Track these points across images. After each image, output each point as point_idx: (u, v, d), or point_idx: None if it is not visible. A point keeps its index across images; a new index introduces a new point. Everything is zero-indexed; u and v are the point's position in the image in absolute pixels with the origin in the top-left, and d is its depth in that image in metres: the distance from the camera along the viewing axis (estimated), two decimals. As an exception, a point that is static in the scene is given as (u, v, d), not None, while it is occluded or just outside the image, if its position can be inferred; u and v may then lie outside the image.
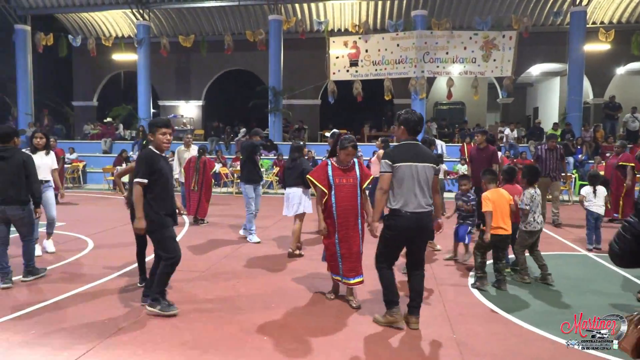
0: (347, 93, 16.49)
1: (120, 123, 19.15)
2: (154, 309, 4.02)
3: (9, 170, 4.68)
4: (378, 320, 3.93)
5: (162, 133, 3.99)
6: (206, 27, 19.79)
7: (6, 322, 3.91)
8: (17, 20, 18.32)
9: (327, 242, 4.37)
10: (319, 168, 4.38)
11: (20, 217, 4.78)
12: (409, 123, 3.78)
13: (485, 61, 15.28)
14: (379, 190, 3.71)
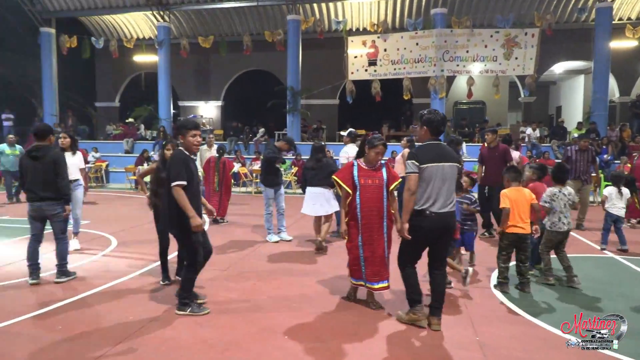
0: (365, 93, 16.42)
1: (142, 123, 19.44)
2: (184, 313, 4.04)
3: (42, 169, 4.80)
4: (401, 317, 3.93)
5: (192, 135, 4.01)
6: (225, 28, 19.94)
7: (33, 318, 4.00)
8: (42, 24, 18.75)
9: (349, 245, 4.24)
10: (345, 168, 4.32)
11: (56, 214, 4.90)
12: (432, 123, 3.77)
13: (506, 59, 15.04)
14: (407, 192, 3.68)
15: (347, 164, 4.35)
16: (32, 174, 4.80)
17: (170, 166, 3.95)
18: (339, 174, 4.31)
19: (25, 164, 4.86)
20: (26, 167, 4.84)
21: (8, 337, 3.62)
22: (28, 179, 4.84)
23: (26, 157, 4.88)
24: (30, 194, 4.84)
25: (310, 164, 6.51)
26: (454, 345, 3.54)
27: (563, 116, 19.66)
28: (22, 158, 4.99)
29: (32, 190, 4.82)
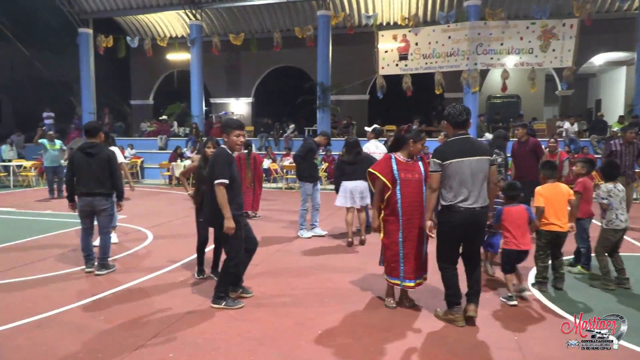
0: (396, 87, 16.25)
1: (175, 120, 19.83)
2: (219, 306, 4.13)
3: (95, 165, 4.99)
4: (438, 315, 3.92)
5: (235, 135, 4.09)
6: (255, 25, 20.09)
7: (78, 308, 4.16)
8: (80, 24, 19.36)
9: (387, 241, 4.08)
10: (382, 161, 4.15)
11: (104, 208, 5.11)
12: (451, 117, 3.76)
13: (543, 51, 14.57)
14: (428, 189, 3.76)
15: (384, 157, 4.21)
16: (86, 169, 4.97)
17: (213, 164, 4.02)
18: (376, 167, 4.15)
19: (79, 159, 5.00)
20: (79, 163, 5.00)
21: (57, 325, 3.78)
22: (80, 175, 5.00)
23: (79, 153, 5.02)
24: (83, 189, 5.00)
25: (350, 158, 6.52)
26: (492, 345, 3.48)
27: (603, 110, 18.92)
28: (74, 153, 5.12)
29: (84, 185, 4.98)
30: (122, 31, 20.79)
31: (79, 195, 5.04)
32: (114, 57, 19.47)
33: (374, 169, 4.13)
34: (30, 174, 14.49)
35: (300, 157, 7.01)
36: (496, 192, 3.88)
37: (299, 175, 7.13)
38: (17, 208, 9.86)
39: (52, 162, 11.30)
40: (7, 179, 14.43)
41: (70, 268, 5.36)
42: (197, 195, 4.92)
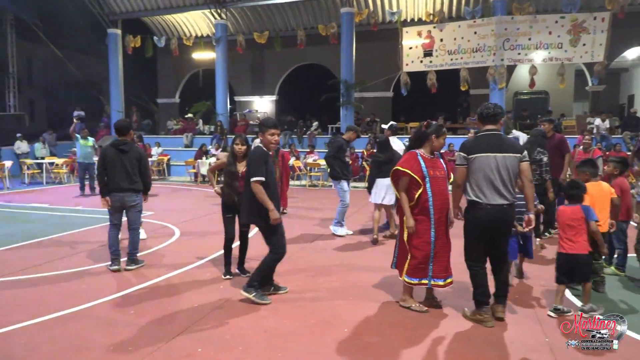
0: (420, 84, 16.07)
1: (200, 118, 20.11)
2: (249, 295, 4.18)
3: (127, 162, 5.12)
4: (466, 315, 3.87)
5: (270, 134, 4.18)
6: (280, 23, 20.17)
7: (107, 302, 4.27)
8: (109, 25, 19.80)
9: (419, 241, 3.93)
10: (410, 158, 3.99)
11: (135, 204, 5.24)
12: (482, 113, 3.80)
13: (573, 46, 14.16)
14: (453, 184, 3.75)
15: (409, 155, 4.05)
16: (118, 166, 5.08)
17: (250, 162, 4.16)
18: (404, 164, 3.97)
19: (111, 156, 5.11)
20: (112, 159, 5.10)
21: (89, 318, 3.89)
22: (112, 171, 5.10)
23: (112, 149, 5.13)
24: (114, 185, 5.11)
25: (386, 156, 6.49)
26: (522, 347, 3.41)
27: (636, 106, 18.28)
28: (106, 150, 5.21)
29: (116, 181, 5.10)
30: (150, 31, 21.17)
31: (110, 191, 5.15)
32: (142, 57, 19.85)
33: (403, 166, 3.97)
34: (61, 170, 14.93)
35: (332, 157, 6.94)
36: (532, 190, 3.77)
37: (333, 175, 7.01)
38: (50, 204, 10.17)
39: (85, 159, 11.55)
40: (40, 175, 14.90)
41: (100, 263, 5.50)
42: (225, 191, 4.91)
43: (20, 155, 16.11)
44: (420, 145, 4.07)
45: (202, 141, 17.00)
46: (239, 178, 4.74)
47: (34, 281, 4.87)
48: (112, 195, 5.15)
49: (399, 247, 4.17)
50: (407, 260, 4.00)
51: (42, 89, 25.37)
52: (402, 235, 4.07)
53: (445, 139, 4.10)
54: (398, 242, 4.20)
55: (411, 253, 3.99)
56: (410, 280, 4.00)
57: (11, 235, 6.96)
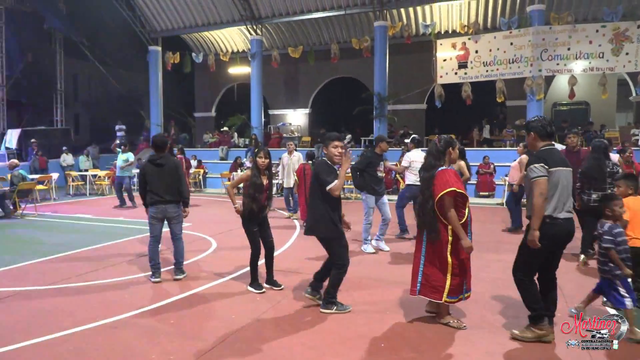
0: (454, 96, 15.91)
1: (235, 132, 20.55)
2: (331, 311, 4.31)
3: (166, 174, 5.32)
4: (517, 336, 3.70)
5: (334, 146, 4.31)
6: (313, 37, 20.47)
7: (148, 311, 4.40)
8: (150, 42, 20.63)
9: (459, 260, 3.89)
10: (453, 176, 3.88)
11: (177, 215, 5.44)
12: (537, 127, 3.70)
13: (615, 55, 13.73)
14: (540, 197, 3.49)
15: (448, 172, 3.90)
16: (157, 179, 5.28)
17: (319, 174, 4.25)
18: (455, 184, 3.81)
19: (150, 170, 5.31)
20: (151, 174, 5.30)
21: (131, 327, 4.03)
22: (152, 184, 5.29)
23: (150, 165, 5.33)
24: (155, 197, 5.29)
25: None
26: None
27: (685, 116, 17.48)
28: (145, 165, 5.43)
29: (156, 194, 5.28)
30: (188, 47, 21.90)
31: (152, 204, 5.34)
32: (180, 72, 20.54)
33: (457, 186, 3.79)
34: (104, 182, 15.53)
35: (356, 170, 6.85)
36: None
37: (358, 185, 6.97)
38: (93, 215, 10.59)
39: (122, 172, 11.87)
40: (83, 187, 15.55)
41: (140, 273, 5.69)
42: (251, 203, 4.89)
43: (66, 167, 16.87)
44: (442, 161, 3.99)
45: (237, 154, 17.35)
46: (263, 190, 4.90)
47: (80, 289, 5.08)
48: (154, 207, 5.31)
49: (425, 269, 3.99)
50: (448, 280, 3.89)
51: (86, 104, 26.58)
52: (431, 256, 3.94)
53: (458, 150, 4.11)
54: (422, 265, 4.01)
55: (454, 273, 3.88)
56: (452, 300, 3.96)
57: (59, 244, 7.29)
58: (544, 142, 3.69)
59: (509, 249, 6.02)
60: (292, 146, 10.31)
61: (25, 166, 14.80)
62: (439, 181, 3.84)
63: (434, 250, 3.93)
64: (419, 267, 4.05)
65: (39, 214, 10.60)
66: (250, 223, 4.97)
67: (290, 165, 10.11)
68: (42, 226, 9.22)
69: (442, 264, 3.90)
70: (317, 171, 4.28)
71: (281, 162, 10.26)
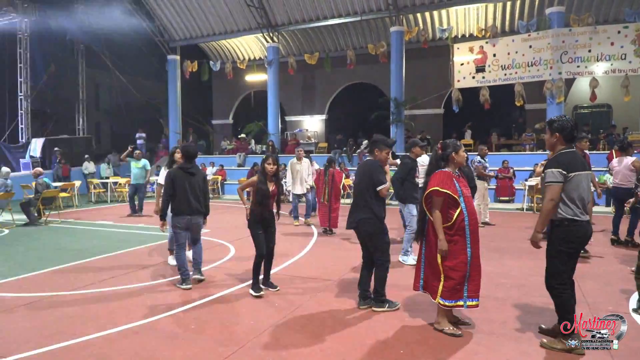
0: (472, 100, 15.78)
1: (252, 138, 20.73)
2: (384, 309, 4.49)
3: (196, 184, 5.38)
4: (552, 347, 3.61)
5: (387, 152, 4.61)
6: (330, 44, 20.57)
7: (169, 316, 4.45)
8: (169, 52, 21.01)
9: (453, 263, 3.84)
10: (445, 178, 3.91)
11: (200, 225, 5.52)
12: (565, 130, 3.63)
13: (638, 56, 13.46)
14: (550, 202, 3.51)
15: (443, 174, 3.95)
16: (187, 188, 5.30)
17: (374, 173, 4.47)
18: (442, 184, 3.87)
19: (181, 178, 5.30)
20: (182, 182, 5.29)
21: (153, 332, 4.08)
22: (182, 194, 5.27)
23: (181, 172, 5.33)
24: (182, 207, 5.30)
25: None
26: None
27: None
28: (175, 173, 5.34)
29: (186, 204, 5.29)
30: (206, 56, 22.22)
31: (179, 214, 5.31)
32: (198, 80, 20.84)
33: (442, 186, 3.85)
34: (124, 190, 15.78)
35: (400, 180, 6.56)
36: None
37: (400, 197, 6.65)
38: (114, 221, 10.77)
39: (135, 180, 11.66)
40: (105, 194, 15.85)
41: (160, 279, 5.76)
42: (257, 209, 5.02)
43: (88, 175, 17.24)
44: (445, 166, 4.03)
45: (254, 160, 17.48)
46: (270, 196, 5.00)
47: (103, 295, 5.16)
48: (181, 217, 5.32)
49: (425, 268, 4.08)
50: (441, 282, 3.90)
51: (107, 113, 27.14)
52: (429, 256, 4.01)
53: (464, 151, 4.06)
54: (423, 263, 4.10)
55: (446, 275, 3.88)
56: (446, 303, 3.90)
57: (82, 251, 7.44)
58: (566, 146, 3.64)
59: (531, 255, 5.93)
60: (301, 152, 10.25)
61: (49, 174, 15.18)
62: (430, 182, 3.99)
63: (430, 251, 4.01)
64: (421, 265, 4.15)
65: (62, 221, 10.83)
66: (256, 226, 5.07)
67: (299, 172, 9.90)
68: (66, 233, 9.41)
69: (434, 266, 3.96)
70: (372, 171, 4.47)
71: (289, 168, 10.04)
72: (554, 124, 3.67)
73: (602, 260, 6.47)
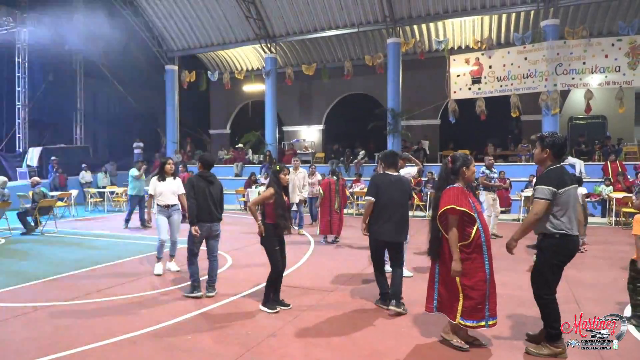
0: (468, 111, 15.91)
1: (250, 148, 20.77)
2: (400, 310, 4.75)
3: (214, 192, 5.40)
4: (539, 353, 3.72)
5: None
6: (327, 55, 20.73)
7: (166, 327, 4.45)
8: (167, 62, 21.12)
9: (474, 281, 3.73)
10: (459, 194, 3.78)
11: (218, 233, 5.51)
12: (556, 146, 3.71)
13: (632, 69, 13.63)
14: (534, 216, 3.64)
15: (456, 190, 3.82)
16: (208, 196, 5.31)
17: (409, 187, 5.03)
18: (458, 202, 3.73)
19: (202, 186, 5.30)
20: (202, 190, 5.29)
21: (150, 342, 4.08)
22: (202, 201, 5.27)
23: (202, 180, 5.33)
24: (205, 215, 5.29)
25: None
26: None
27: None
28: (196, 181, 5.32)
29: (207, 211, 5.30)
30: (204, 66, 22.33)
31: (199, 221, 5.27)
32: (196, 90, 20.93)
33: (458, 204, 3.72)
34: (121, 199, 15.78)
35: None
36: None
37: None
38: (110, 231, 10.76)
39: (138, 192, 11.43)
40: (102, 204, 15.83)
41: (157, 289, 5.76)
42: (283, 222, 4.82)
43: (84, 184, 17.22)
44: (455, 181, 3.91)
45: (251, 170, 17.52)
46: (287, 209, 4.94)
47: (100, 305, 5.16)
48: (201, 225, 5.28)
49: (440, 287, 3.93)
50: (460, 301, 3.78)
51: (104, 123, 27.13)
52: (445, 275, 3.86)
53: (474, 166, 4.00)
54: (437, 282, 3.94)
55: (465, 294, 3.76)
56: (467, 323, 3.78)
57: (79, 261, 7.43)
58: (554, 162, 3.73)
59: (526, 266, 5.97)
60: (297, 162, 10.40)
61: (46, 183, 15.15)
62: (443, 198, 3.82)
63: (447, 270, 3.83)
64: (434, 284, 3.97)
65: (59, 230, 10.81)
66: (274, 241, 4.86)
67: (295, 182, 10.01)
68: (62, 242, 9.39)
69: (452, 284, 3.82)
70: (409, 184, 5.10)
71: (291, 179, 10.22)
72: (545, 140, 3.73)
73: (599, 271, 6.52)
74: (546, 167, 3.74)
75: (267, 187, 4.95)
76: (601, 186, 12.78)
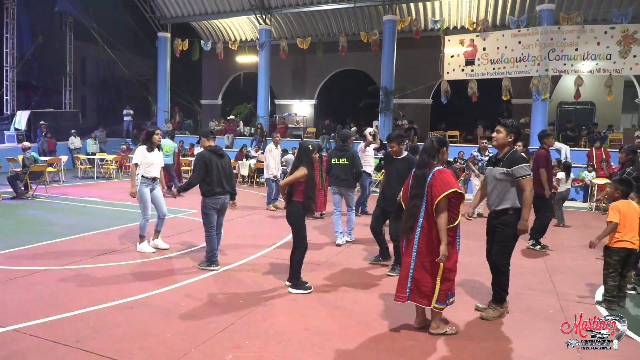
0: (460, 92, 16.02)
1: (241, 120, 20.71)
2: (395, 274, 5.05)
3: (225, 165, 5.53)
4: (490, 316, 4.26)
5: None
6: (322, 29, 20.52)
7: (163, 293, 4.64)
8: (160, 29, 20.73)
9: (451, 263, 3.77)
10: (452, 175, 3.73)
11: (227, 205, 5.67)
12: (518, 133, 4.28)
13: (622, 57, 13.79)
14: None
15: (447, 172, 3.74)
16: (221, 170, 5.44)
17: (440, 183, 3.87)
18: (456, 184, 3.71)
19: (214, 160, 5.39)
20: (214, 164, 5.38)
21: (146, 307, 4.26)
22: (216, 175, 5.37)
23: (214, 155, 5.42)
24: (218, 188, 5.41)
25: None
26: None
27: (689, 120, 17.56)
28: (209, 155, 5.37)
29: (219, 185, 5.42)
30: (197, 35, 21.98)
31: (213, 194, 5.39)
32: (188, 59, 20.66)
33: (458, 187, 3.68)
34: (111, 166, 15.77)
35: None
36: None
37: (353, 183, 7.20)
38: (101, 198, 10.83)
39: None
40: (91, 170, 15.80)
41: (152, 257, 5.93)
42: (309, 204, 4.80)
43: (74, 150, 17.11)
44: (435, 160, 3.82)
45: (242, 142, 17.53)
46: None
47: (95, 270, 5.32)
48: (215, 198, 5.40)
49: (414, 275, 3.81)
50: (437, 285, 3.75)
51: (94, 87, 26.75)
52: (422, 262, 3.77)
53: None
54: (412, 271, 3.82)
55: (445, 277, 3.76)
56: (441, 306, 3.81)
57: (71, 226, 7.54)
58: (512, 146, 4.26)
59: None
60: (278, 138, 10.59)
61: (34, 148, 15.02)
62: (438, 181, 3.66)
63: (429, 253, 3.75)
64: (408, 272, 3.84)
65: (49, 196, 10.85)
66: (304, 219, 4.86)
67: (275, 156, 10.18)
68: (54, 208, 9.46)
69: (433, 267, 3.75)
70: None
71: (267, 154, 10.24)
72: (512, 126, 4.23)
73: (576, 254, 6.83)
74: (508, 150, 4.20)
75: (299, 167, 4.78)
76: (584, 172, 13.11)
